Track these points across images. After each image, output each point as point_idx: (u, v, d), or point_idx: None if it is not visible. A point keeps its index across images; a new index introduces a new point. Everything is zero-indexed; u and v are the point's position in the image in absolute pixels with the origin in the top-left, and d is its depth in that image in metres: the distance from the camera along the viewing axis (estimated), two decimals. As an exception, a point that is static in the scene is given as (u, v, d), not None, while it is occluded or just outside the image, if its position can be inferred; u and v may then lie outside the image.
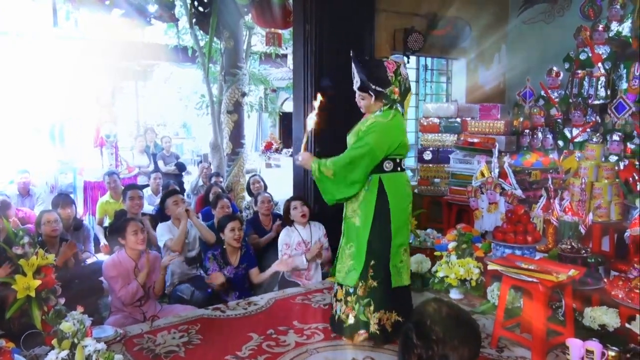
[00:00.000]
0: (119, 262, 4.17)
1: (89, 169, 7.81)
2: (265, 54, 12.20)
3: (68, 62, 9.40)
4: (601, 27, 6.02)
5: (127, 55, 11.14)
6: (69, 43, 10.05)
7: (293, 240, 4.94)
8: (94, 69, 9.19)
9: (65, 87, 8.63)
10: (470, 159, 6.16)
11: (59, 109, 8.12)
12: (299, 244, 4.91)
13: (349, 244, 3.55)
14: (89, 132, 8.03)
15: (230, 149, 8.61)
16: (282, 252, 4.89)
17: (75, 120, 7.98)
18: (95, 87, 8.33)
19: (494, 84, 7.63)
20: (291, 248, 4.90)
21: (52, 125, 7.97)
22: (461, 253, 4.60)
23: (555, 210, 4.61)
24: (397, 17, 6.61)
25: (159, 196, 6.73)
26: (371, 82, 3.44)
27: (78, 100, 8.18)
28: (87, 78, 8.69)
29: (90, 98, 8.07)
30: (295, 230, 4.98)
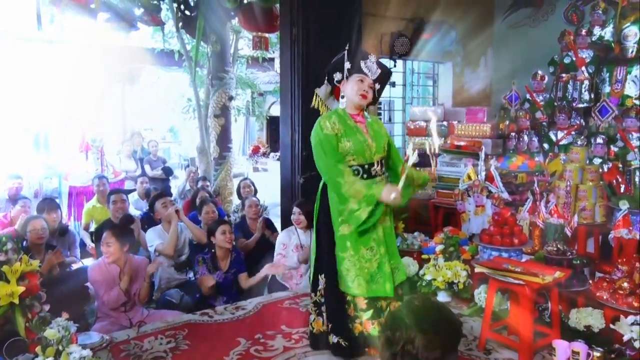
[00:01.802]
0: (104, 266, 4.14)
1: (74, 174, 7.74)
2: (252, 57, 12.17)
3: (53, 66, 9.33)
4: (584, 32, 6.09)
5: (113, 59, 11.08)
6: (53, 47, 9.97)
7: (292, 241, 4.94)
8: (80, 73, 9.13)
9: (50, 91, 8.56)
10: (457, 162, 6.18)
11: (44, 113, 8.05)
12: (296, 247, 4.91)
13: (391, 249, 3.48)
14: (75, 136, 7.96)
15: (217, 153, 8.58)
16: (278, 252, 4.90)
17: (61, 125, 7.91)
18: (80, 91, 8.27)
19: (480, 88, 7.67)
20: (288, 249, 4.91)
21: (37, 129, 7.90)
22: (448, 256, 4.60)
23: (541, 213, 4.63)
24: (384, 21, 6.64)
25: (146, 201, 6.68)
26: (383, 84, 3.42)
27: (63, 104, 8.12)
28: (72, 82, 8.63)
29: (75, 102, 8.01)
30: (296, 232, 4.99)
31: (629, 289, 3.47)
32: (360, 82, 3.28)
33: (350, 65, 3.28)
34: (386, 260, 3.32)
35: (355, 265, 3.27)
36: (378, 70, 3.32)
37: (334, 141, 3.22)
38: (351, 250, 3.28)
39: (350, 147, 3.22)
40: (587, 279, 4.02)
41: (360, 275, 3.26)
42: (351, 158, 3.25)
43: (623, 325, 3.22)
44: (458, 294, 4.44)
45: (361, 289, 3.26)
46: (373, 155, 3.29)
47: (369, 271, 3.28)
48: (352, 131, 3.27)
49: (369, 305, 3.31)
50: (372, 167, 3.29)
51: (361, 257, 3.27)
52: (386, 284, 3.29)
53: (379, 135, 3.36)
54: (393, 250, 3.44)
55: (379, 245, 3.32)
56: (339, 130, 3.24)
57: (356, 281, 3.26)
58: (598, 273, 4.33)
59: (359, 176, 3.25)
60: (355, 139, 3.24)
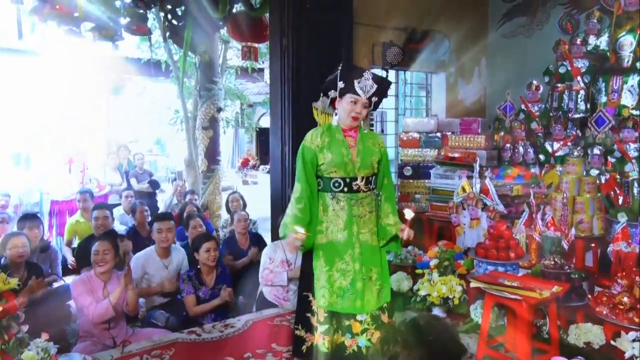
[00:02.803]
0: (88, 280, 4.08)
1: (56, 188, 7.66)
2: (242, 68, 12.18)
3: (34, 77, 9.28)
4: (579, 41, 6.12)
5: (98, 69, 11.05)
6: (34, 57, 9.91)
7: (277, 256, 4.90)
8: (62, 84, 9.08)
9: (30, 102, 8.50)
10: (451, 174, 6.17)
11: (25, 125, 7.98)
12: (282, 262, 4.87)
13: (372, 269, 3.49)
14: (57, 148, 7.90)
15: (205, 166, 8.55)
16: (265, 266, 4.86)
17: (42, 136, 7.84)
18: (63, 102, 8.21)
19: (474, 98, 7.70)
20: (274, 264, 4.87)
21: (18, 141, 7.82)
22: (443, 270, 4.58)
23: (537, 226, 4.62)
24: (376, 30, 6.65)
25: (132, 215, 6.62)
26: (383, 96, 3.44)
27: (45, 115, 8.06)
28: (55, 93, 8.58)
29: (58, 114, 7.95)
30: (281, 247, 4.95)
31: (630, 303, 3.45)
32: (352, 104, 3.29)
33: (344, 85, 3.28)
34: (360, 278, 3.31)
35: (325, 276, 3.32)
36: (374, 86, 3.29)
37: (308, 155, 3.33)
38: (322, 260, 3.34)
39: (331, 159, 3.28)
40: (586, 294, 4.00)
41: (327, 287, 3.31)
42: (332, 170, 3.30)
43: (624, 342, 3.20)
44: (453, 310, 4.41)
45: (323, 301, 3.31)
46: (356, 170, 3.31)
47: (339, 286, 3.32)
48: (338, 144, 3.32)
49: (326, 320, 3.32)
50: (354, 182, 3.32)
51: (334, 270, 3.32)
52: (357, 301, 3.30)
53: (369, 151, 3.37)
54: (379, 270, 3.43)
55: (353, 261, 3.33)
56: (321, 143, 3.32)
57: (321, 292, 3.32)
58: (597, 287, 4.32)
59: (340, 189, 3.32)
60: (338, 151, 3.29)
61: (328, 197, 3.35)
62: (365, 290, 3.31)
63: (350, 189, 3.31)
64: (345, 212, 3.32)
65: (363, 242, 3.37)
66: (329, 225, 3.35)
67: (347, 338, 3.33)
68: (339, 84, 3.28)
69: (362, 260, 3.34)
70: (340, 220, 3.32)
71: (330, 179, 3.31)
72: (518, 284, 3.47)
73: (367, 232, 3.38)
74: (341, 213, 3.32)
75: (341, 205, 3.32)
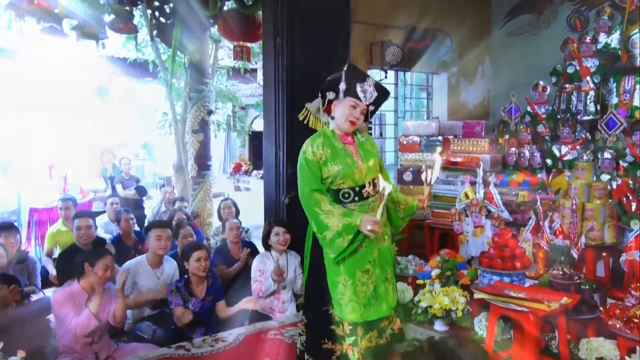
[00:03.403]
0: (70, 294, 4.03)
1: (36, 195, 7.61)
2: (233, 68, 12.16)
3: (11, 77, 9.23)
4: (589, 39, 6.11)
5: (81, 69, 11.02)
6: (11, 56, 9.86)
7: (268, 267, 4.89)
8: (43, 85, 9.04)
9: (7, 104, 8.45)
10: (454, 180, 6.17)
11: (2, 128, 7.93)
12: (274, 271, 4.84)
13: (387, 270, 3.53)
14: (37, 153, 7.86)
15: (195, 172, 8.52)
16: (255, 279, 4.85)
17: (21, 140, 7.80)
18: (44, 104, 8.18)
19: (477, 100, 7.71)
20: (265, 275, 4.85)
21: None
22: (445, 281, 4.59)
23: (545, 234, 4.61)
24: (374, 29, 6.65)
25: (116, 224, 6.59)
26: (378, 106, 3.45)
27: (24, 118, 8.02)
28: (34, 94, 8.53)
29: (38, 116, 7.91)
30: (271, 257, 4.95)
31: (644, 316, 3.44)
32: (352, 108, 3.30)
33: (345, 87, 3.29)
34: (382, 281, 3.37)
35: (350, 289, 3.30)
36: (374, 93, 3.33)
37: (314, 167, 3.28)
38: (345, 274, 3.30)
39: (338, 171, 3.26)
40: (598, 306, 3.98)
41: (354, 300, 3.29)
42: (341, 181, 3.29)
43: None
44: (456, 323, 4.40)
45: (355, 314, 3.29)
46: (364, 177, 3.32)
47: (365, 295, 3.32)
48: (340, 154, 3.31)
49: (352, 331, 3.32)
50: (364, 189, 3.32)
51: (357, 281, 3.31)
52: (382, 304, 3.34)
53: (370, 155, 3.40)
54: (391, 269, 3.50)
55: (374, 267, 3.35)
56: (324, 155, 3.29)
57: (350, 306, 3.30)
58: (609, 299, 4.30)
59: (350, 199, 3.30)
60: (344, 162, 3.28)
61: None
62: (387, 292, 3.39)
63: (360, 197, 3.32)
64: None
65: (380, 246, 3.40)
66: None
67: (381, 338, 3.40)
68: (341, 85, 3.29)
69: (380, 264, 3.38)
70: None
71: (339, 191, 3.31)
72: (525, 295, 3.46)
73: (380, 235, 3.38)
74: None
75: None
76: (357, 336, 3.33)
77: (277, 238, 4.92)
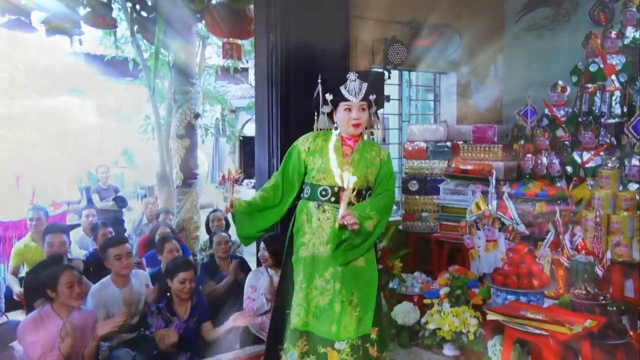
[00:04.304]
0: (42, 321, 3.96)
1: (1, 206, 7.56)
2: (222, 68, 12.22)
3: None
4: (614, 34, 6.08)
5: (53, 67, 11.02)
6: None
7: (261, 283, 4.89)
8: (9, 84, 9.00)
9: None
10: (464, 189, 6.16)
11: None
12: (265, 289, 4.84)
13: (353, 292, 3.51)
14: (2, 161, 7.82)
15: (181, 181, 8.50)
16: (247, 296, 4.86)
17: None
18: (10, 105, 8.14)
19: (489, 102, 7.70)
20: (257, 292, 4.85)
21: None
22: (455, 300, 4.56)
23: (565, 249, 4.60)
24: (376, 25, 6.64)
25: (93, 238, 6.56)
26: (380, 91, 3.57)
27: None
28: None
29: (2, 119, 7.87)
30: (265, 272, 4.94)
31: (680, 342, 3.42)
32: (347, 112, 3.44)
33: (332, 97, 3.45)
34: (339, 300, 3.40)
35: (303, 292, 3.43)
36: (363, 85, 3.44)
37: (295, 156, 3.57)
38: (302, 275, 3.46)
39: (320, 164, 3.45)
40: (627, 330, 3.94)
41: (303, 305, 3.42)
42: (321, 176, 3.46)
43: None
44: (468, 347, 4.37)
45: (298, 319, 3.42)
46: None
47: (317, 305, 3.43)
48: (331, 150, 3.45)
49: (292, 337, 3.44)
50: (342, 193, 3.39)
51: (312, 287, 3.44)
52: (332, 325, 3.38)
53: (364, 163, 3.49)
54: (361, 295, 3.48)
55: (334, 280, 3.42)
56: (313, 146, 3.52)
57: (296, 309, 3.44)
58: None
59: (327, 197, 3.46)
60: (328, 157, 3.42)
61: (313, 206, 3.49)
62: (343, 315, 3.39)
63: (338, 198, 3.40)
64: (331, 224, 3.41)
65: (349, 261, 3.44)
66: (312, 238, 3.48)
67: None
68: (327, 97, 3.45)
69: (344, 280, 3.42)
70: (324, 232, 3.44)
71: (318, 187, 3.47)
72: (543, 316, 3.45)
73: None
74: (326, 224, 3.44)
75: (327, 215, 3.45)
76: (295, 345, 3.42)
77: (261, 254, 4.92)
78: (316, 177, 3.47)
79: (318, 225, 3.45)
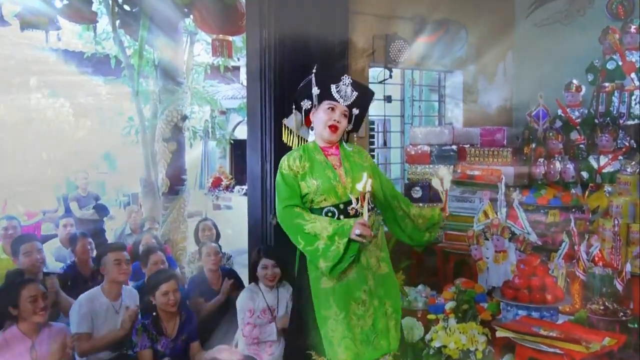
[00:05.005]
0: (7, 345, 3.92)
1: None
2: (212, 66, 12.22)
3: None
4: (634, 28, 6.10)
5: (27, 65, 11.00)
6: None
7: (258, 305, 4.83)
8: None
9: None
10: (471, 197, 6.18)
11: None
12: (263, 310, 4.81)
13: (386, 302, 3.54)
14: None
15: (167, 187, 8.48)
16: (245, 322, 4.78)
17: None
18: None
19: (498, 102, 7.71)
20: (255, 316, 4.79)
21: None
22: (462, 316, 4.56)
23: (581, 260, 4.59)
24: (376, 20, 6.66)
25: (70, 250, 6.53)
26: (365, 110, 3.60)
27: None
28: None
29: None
30: (260, 292, 4.88)
31: None
32: (330, 111, 3.46)
33: (319, 92, 3.46)
34: (381, 315, 3.44)
35: (343, 324, 3.36)
36: (354, 93, 3.48)
37: (292, 182, 3.46)
38: (336, 307, 3.37)
39: (318, 185, 3.40)
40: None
41: (349, 336, 3.35)
42: (321, 198, 3.42)
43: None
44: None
45: (349, 354, 3.33)
46: (350, 192, 3.40)
47: (363, 330, 3.38)
48: (321, 167, 3.46)
49: None
50: (350, 207, 3.40)
51: (351, 314, 3.37)
52: (381, 340, 3.41)
53: (358, 168, 3.50)
54: (392, 302, 3.55)
55: (371, 298, 3.42)
56: (301, 168, 3.46)
57: (343, 344, 3.35)
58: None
59: (335, 219, 3.40)
60: (324, 176, 3.42)
61: None
62: (387, 329, 3.45)
63: (346, 215, 3.39)
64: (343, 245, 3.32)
65: (374, 274, 3.47)
66: None
67: None
68: (314, 90, 3.45)
69: (377, 294, 3.45)
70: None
71: (321, 210, 3.41)
72: (558, 334, 3.44)
73: (375, 262, 3.50)
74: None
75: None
76: None
77: (265, 272, 4.84)
78: (316, 201, 3.42)
79: None
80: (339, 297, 3.37)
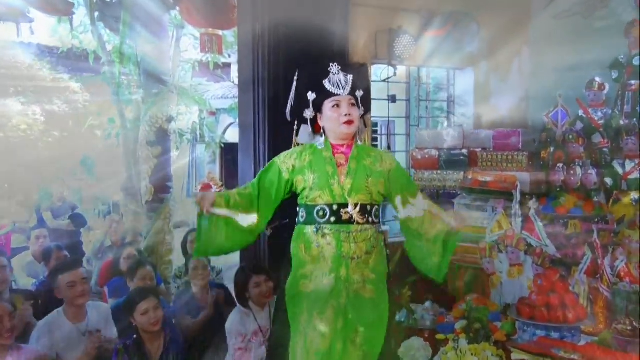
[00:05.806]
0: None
1: None
2: (200, 63, 12.23)
3: None
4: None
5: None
6: None
7: (249, 329, 4.82)
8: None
9: None
10: (483, 205, 6.19)
11: None
12: (255, 333, 4.80)
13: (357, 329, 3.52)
14: None
15: (151, 195, 8.47)
16: (237, 346, 4.77)
17: None
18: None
19: (512, 102, 7.71)
20: (246, 339, 4.79)
21: None
22: (474, 336, 4.56)
23: (605, 275, 4.59)
24: (380, 13, 6.68)
25: (44, 264, 6.52)
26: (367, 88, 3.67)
27: None
28: None
29: None
30: (252, 313, 4.86)
31: None
32: (336, 108, 3.46)
33: (315, 96, 3.48)
34: (340, 338, 3.38)
35: (302, 338, 3.41)
36: (348, 77, 3.47)
37: (273, 172, 3.55)
38: (305, 313, 3.42)
39: (314, 179, 3.43)
40: (682, 372, 3.95)
41: (304, 356, 3.39)
42: (316, 195, 3.43)
43: None
44: (490, 392, 4.35)
45: None
46: (346, 194, 3.40)
47: (317, 351, 3.36)
48: (323, 162, 3.48)
49: None
50: (344, 210, 3.39)
51: (312, 329, 3.39)
52: None
53: (364, 171, 3.48)
54: (366, 332, 3.47)
55: (336, 317, 3.40)
56: (299, 163, 3.50)
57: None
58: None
59: (325, 219, 3.42)
60: (322, 170, 3.44)
61: (310, 230, 3.44)
62: (344, 355, 3.37)
63: (338, 219, 3.40)
64: (333, 249, 3.39)
65: (353, 292, 3.43)
66: (314, 269, 3.43)
67: None
68: (309, 96, 3.47)
69: (347, 316, 3.40)
70: (326, 261, 3.40)
71: (315, 207, 3.43)
72: (579, 356, 3.43)
73: (359, 280, 3.45)
74: (327, 251, 3.41)
75: (327, 240, 3.41)
76: None
77: (259, 290, 4.84)
78: (310, 197, 3.44)
79: (319, 252, 3.42)
80: (311, 305, 3.40)
